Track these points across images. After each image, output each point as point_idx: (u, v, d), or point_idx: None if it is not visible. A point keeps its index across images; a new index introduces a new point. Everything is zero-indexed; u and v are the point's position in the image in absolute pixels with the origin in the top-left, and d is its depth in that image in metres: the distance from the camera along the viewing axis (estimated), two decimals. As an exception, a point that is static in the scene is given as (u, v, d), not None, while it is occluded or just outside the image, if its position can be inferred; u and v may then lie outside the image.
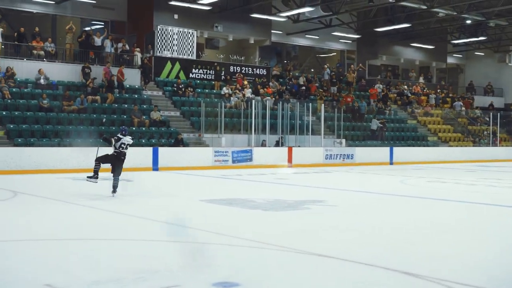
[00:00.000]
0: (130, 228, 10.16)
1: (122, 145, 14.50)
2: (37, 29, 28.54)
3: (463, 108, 42.46)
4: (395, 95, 40.74)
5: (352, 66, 41.41)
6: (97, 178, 14.78)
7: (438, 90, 44.24)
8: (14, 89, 25.52)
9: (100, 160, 14.76)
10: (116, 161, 14.48)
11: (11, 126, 23.22)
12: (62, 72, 28.23)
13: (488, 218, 12.29)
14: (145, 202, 13.91)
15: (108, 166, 14.69)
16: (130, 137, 14.84)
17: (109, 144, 14.69)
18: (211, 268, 7.21)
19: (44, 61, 27.98)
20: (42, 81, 26.66)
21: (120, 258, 7.74)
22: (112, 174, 14.47)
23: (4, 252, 8.11)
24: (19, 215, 11.44)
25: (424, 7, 34.62)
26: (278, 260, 7.78)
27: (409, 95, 41.20)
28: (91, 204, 13.01)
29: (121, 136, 14.55)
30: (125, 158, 14.62)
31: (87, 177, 15.00)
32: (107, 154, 14.67)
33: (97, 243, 8.80)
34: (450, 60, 49.06)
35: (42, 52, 28.12)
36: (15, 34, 28.18)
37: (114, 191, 14.35)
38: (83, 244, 8.73)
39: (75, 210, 12.32)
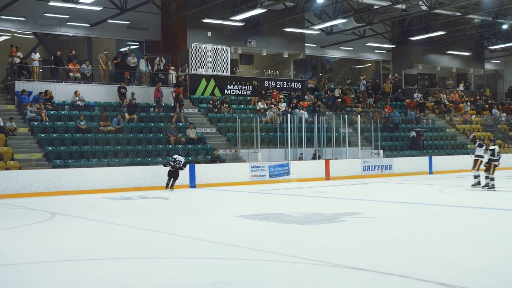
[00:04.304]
0: (165, 246, 10.15)
1: (178, 162, 21.75)
2: (73, 52, 28.99)
3: (504, 114, 41.72)
4: (433, 103, 40.28)
5: (390, 76, 41.14)
6: (166, 166, 22.12)
7: (478, 97, 43.62)
8: (51, 112, 25.92)
9: (170, 164, 21.84)
10: (174, 172, 21.90)
11: (50, 148, 23.56)
12: (99, 93, 28.66)
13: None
14: (181, 219, 13.94)
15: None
16: (183, 157, 22.23)
17: (170, 165, 21.89)
18: (243, 283, 7.15)
19: (80, 83, 28.40)
20: (79, 102, 27.06)
21: (153, 276, 7.73)
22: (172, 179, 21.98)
23: (36, 273, 8.18)
24: (54, 237, 11.54)
25: (459, 14, 34.29)
26: (311, 274, 7.68)
27: (447, 103, 40.70)
28: (128, 223, 13.07)
29: (175, 156, 21.93)
30: (177, 170, 21.86)
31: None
32: (170, 167, 21.88)
33: (131, 262, 8.82)
34: (488, 66, 48.34)
35: (78, 75, 28.54)
36: (52, 57, 28.69)
37: (171, 189, 21.88)
38: (117, 263, 8.75)
39: (111, 230, 12.40)
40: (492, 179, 19.89)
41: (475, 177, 20.93)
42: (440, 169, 30.73)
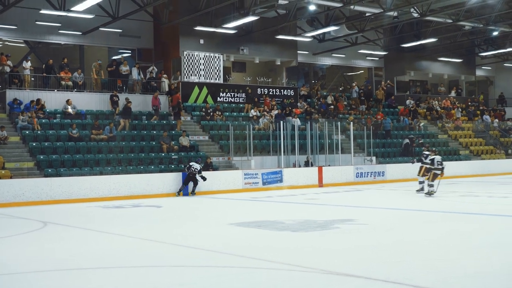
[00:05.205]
0: (158, 254, 10.11)
1: (193, 169, 22.72)
2: (65, 60, 28.90)
3: (496, 120, 41.90)
4: (425, 110, 40.39)
5: (383, 82, 41.23)
6: (185, 168, 23.61)
7: (469, 104, 43.78)
8: (43, 120, 25.83)
9: (187, 169, 22.92)
10: (192, 178, 22.91)
11: (41, 157, 23.46)
12: (91, 101, 28.58)
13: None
14: (173, 227, 13.89)
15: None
16: (198, 164, 22.98)
17: (187, 170, 23.03)
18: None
19: (72, 91, 28.32)
20: (70, 110, 26.96)
21: (146, 285, 7.69)
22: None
23: (33, 283, 8.13)
24: (46, 246, 11.47)
25: (450, 21, 34.41)
26: (305, 281, 7.65)
27: (439, 109, 40.81)
28: (120, 232, 13.01)
29: (191, 163, 22.97)
30: (193, 176, 22.78)
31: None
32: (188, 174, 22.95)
33: (123, 271, 8.78)
34: (479, 72, 48.53)
35: (70, 83, 28.46)
36: (43, 66, 28.61)
37: (192, 194, 23.05)
38: (110, 272, 8.70)
39: (104, 239, 12.34)
40: (431, 185, 20.64)
41: (420, 182, 21.96)
42: (433, 176, 30.68)
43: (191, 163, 23.06)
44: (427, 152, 21.72)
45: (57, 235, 12.95)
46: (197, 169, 22.75)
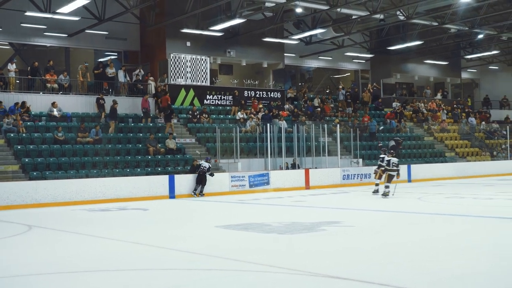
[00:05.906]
0: (146, 257, 10.05)
1: (202, 168, 23.40)
2: (51, 62, 28.73)
3: (483, 123, 42.15)
4: (411, 112, 40.54)
5: (369, 85, 41.35)
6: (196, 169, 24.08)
7: (455, 106, 44.00)
8: (28, 123, 25.65)
9: (197, 168, 23.66)
10: (202, 176, 23.52)
11: (26, 160, 23.29)
12: (77, 104, 28.43)
13: (510, 233, 12.06)
14: (160, 230, 13.82)
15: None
16: (207, 163, 23.79)
17: (196, 169, 23.86)
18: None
19: (58, 94, 28.16)
20: (56, 113, 26.79)
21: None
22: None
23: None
24: (31, 250, 11.38)
25: (436, 23, 34.56)
26: (292, 284, 7.63)
27: (425, 111, 40.98)
28: (107, 235, 12.94)
29: (200, 162, 23.85)
30: (204, 174, 23.43)
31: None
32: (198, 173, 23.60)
33: (111, 274, 8.72)
34: (464, 75, 48.78)
35: (56, 85, 28.30)
36: (29, 68, 28.41)
37: (200, 195, 23.42)
38: (97, 276, 8.64)
39: (90, 242, 12.25)
40: (387, 187, 21.17)
41: (376, 184, 22.55)
42: (419, 177, 30.83)
43: (200, 162, 23.97)
44: (383, 155, 22.16)
45: (42, 239, 12.85)
46: (205, 167, 23.51)
